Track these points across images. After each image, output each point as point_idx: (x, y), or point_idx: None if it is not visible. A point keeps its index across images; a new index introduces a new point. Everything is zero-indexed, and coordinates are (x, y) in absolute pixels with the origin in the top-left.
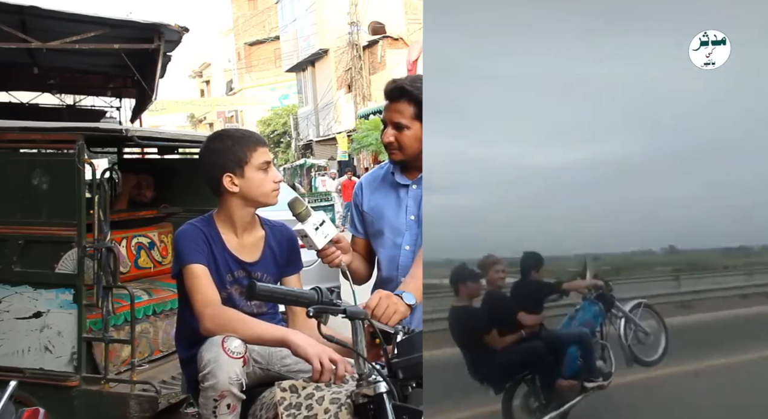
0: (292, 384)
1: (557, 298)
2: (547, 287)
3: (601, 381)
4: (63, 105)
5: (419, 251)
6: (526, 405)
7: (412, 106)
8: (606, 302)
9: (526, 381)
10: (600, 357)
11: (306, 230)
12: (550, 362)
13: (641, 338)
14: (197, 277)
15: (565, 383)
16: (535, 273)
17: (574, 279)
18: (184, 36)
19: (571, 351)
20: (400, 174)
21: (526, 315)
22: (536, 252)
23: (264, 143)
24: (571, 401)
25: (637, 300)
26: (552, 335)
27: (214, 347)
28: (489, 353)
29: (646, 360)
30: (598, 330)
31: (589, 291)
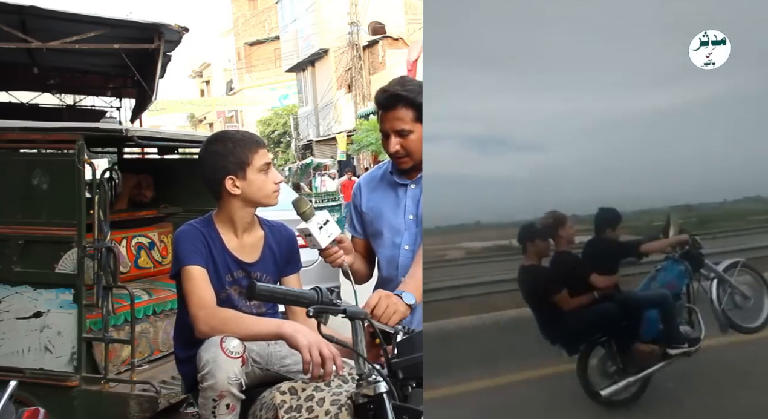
0: (291, 387)
1: (635, 259)
2: (623, 246)
3: (687, 347)
4: (63, 105)
5: (419, 251)
6: (603, 368)
7: (410, 110)
8: (693, 262)
9: (601, 343)
10: (686, 322)
11: (310, 229)
12: (626, 325)
13: (738, 301)
14: (194, 279)
15: (644, 348)
16: (610, 231)
17: (655, 237)
18: (184, 36)
19: (650, 315)
20: (398, 174)
21: (598, 277)
22: (612, 208)
23: (264, 144)
24: (651, 367)
25: (733, 259)
26: (628, 297)
27: (212, 347)
28: (560, 314)
29: (744, 326)
30: (684, 292)
31: (673, 249)
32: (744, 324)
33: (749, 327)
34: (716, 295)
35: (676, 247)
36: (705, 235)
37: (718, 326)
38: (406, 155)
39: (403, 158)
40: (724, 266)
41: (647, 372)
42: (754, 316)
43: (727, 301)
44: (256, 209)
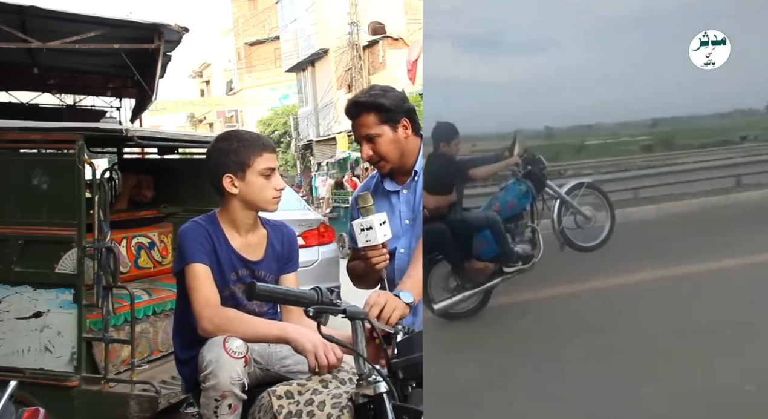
0: (287, 390)
1: (474, 177)
2: (457, 166)
3: (521, 265)
4: (63, 105)
5: (416, 252)
6: (445, 283)
7: (372, 113)
8: (536, 182)
9: (439, 261)
10: (525, 241)
11: (372, 223)
12: (460, 245)
13: (579, 221)
14: (198, 277)
15: (479, 265)
16: (445, 146)
17: (495, 155)
18: (184, 36)
19: (483, 235)
20: (389, 182)
21: (428, 196)
22: (448, 122)
23: (272, 148)
24: (488, 282)
25: (577, 180)
26: (459, 217)
27: (215, 347)
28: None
29: (582, 246)
30: (526, 212)
31: (517, 169)
32: (582, 244)
33: (586, 246)
34: (557, 215)
35: (519, 167)
36: (551, 157)
37: (558, 245)
38: (380, 159)
39: (379, 162)
40: (568, 187)
41: (484, 287)
42: (593, 236)
43: (567, 221)
44: (257, 212)
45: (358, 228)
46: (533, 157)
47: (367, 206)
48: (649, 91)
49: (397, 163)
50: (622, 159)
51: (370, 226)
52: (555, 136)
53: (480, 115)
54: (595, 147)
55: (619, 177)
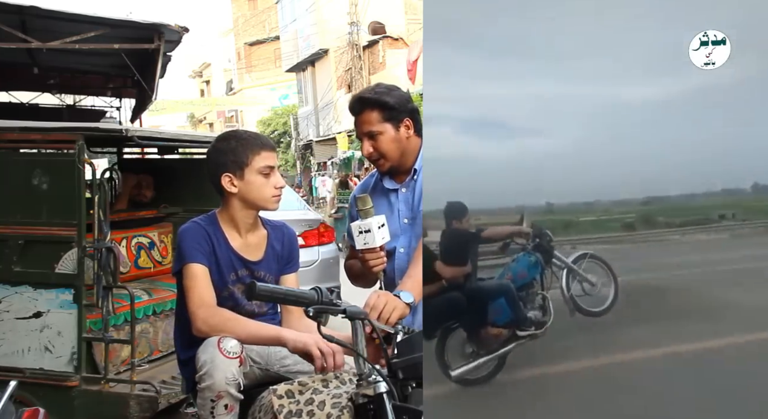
0: (287, 390)
1: (488, 249)
2: (471, 237)
3: (533, 330)
4: (63, 105)
5: (416, 252)
6: (461, 349)
7: (375, 111)
8: (544, 253)
9: (455, 329)
10: (538, 307)
11: (371, 226)
12: (475, 312)
13: (586, 288)
14: (195, 277)
15: (494, 331)
16: (457, 223)
17: (504, 228)
18: (184, 36)
19: (498, 302)
20: (388, 180)
21: (445, 267)
22: (459, 201)
23: (271, 147)
24: (503, 348)
25: (582, 251)
26: (474, 287)
27: (210, 348)
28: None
29: (590, 310)
30: (537, 280)
31: (526, 242)
32: (590, 308)
33: (595, 311)
34: (565, 283)
35: (528, 240)
36: (560, 231)
37: (567, 310)
38: (380, 157)
39: (379, 160)
40: (573, 258)
41: (500, 353)
42: (600, 302)
43: (575, 288)
44: (258, 211)
45: (357, 230)
46: (540, 230)
47: (366, 208)
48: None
49: (397, 162)
50: (618, 234)
51: (369, 229)
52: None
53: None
54: (592, 222)
55: (613, 249)
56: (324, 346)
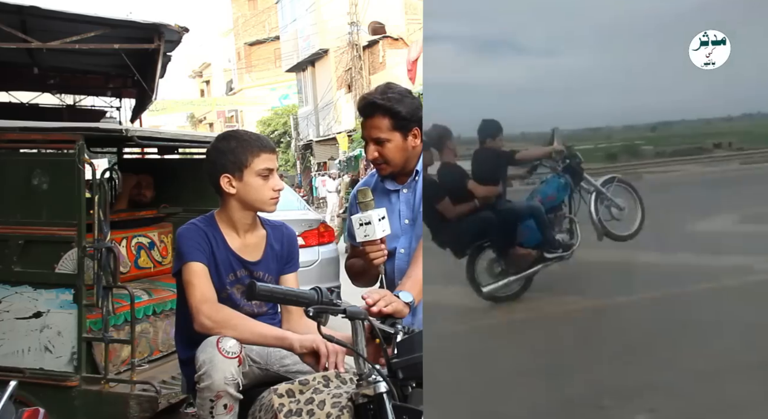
0: (288, 389)
1: (517, 169)
2: (503, 156)
3: (561, 252)
4: (63, 105)
5: (417, 253)
6: (489, 268)
7: (386, 118)
8: (574, 176)
9: (485, 248)
10: (563, 230)
11: (371, 218)
12: (505, 232)
13: (614, 213)
14: (195, 274)
15: (523, 252)
16: (491, 142)
17: (535, 148)
18: (184, 36)
19: (527, 223)
20: (390, 181)
21: (478, 186)
22: (493, 119)
23: (270, 149)
24: (531, 268)
25: (610, 175)
26: (505, 207)
27: (208, 348)
28: (447, 221)
29: (618, 235)
30: (565, 203)
31: (556, 163)
32: (618, 233)
33: (622, 235)
34: (594, 207)
35: (558, 161)
36: (587, 153)
37: (595, 234)
38: (384, 162)
39: (381, 164)
40: (602, 181)
41: (527, 273)
42: (627, 226)
43: (603, 212)
44: (256, 213)
45: (357, 223)
46: (571, 152)
47: (367, 200)
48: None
49: (400, 168)
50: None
51: (369, 221)
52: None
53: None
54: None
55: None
56: (329, 345)
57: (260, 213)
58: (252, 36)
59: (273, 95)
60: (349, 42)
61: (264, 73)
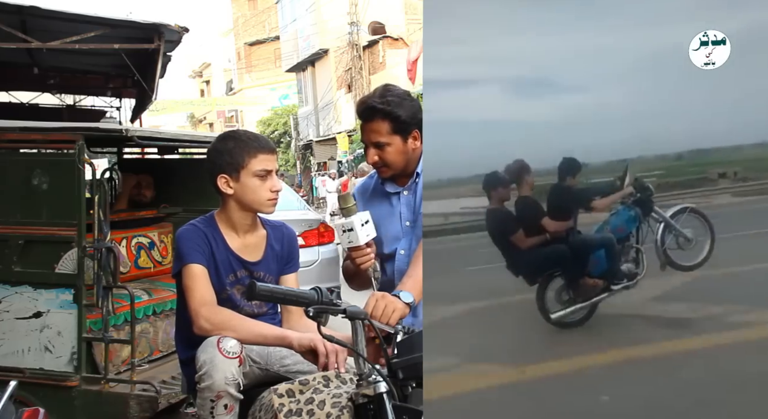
0: (288, 389)
1: (590, 206)
2: (579, 194)
3: (626, 282)
4: (63, 105)
5: (417, 253)
6: (558, 296)
7: (386, 122)
8: (643, 208)
9: (556, 276)
10: (632, 260)
11: (354, 224)
12: (575, 263)
13: (681, 243)
14: (195, 277)
15: (590, 281)
16: (571, 179)
17: (610, 188)
18: (184, 36)
19: (597, 254)
20: (390, 183)
21: (551, 221)
22: (573, 158)
23: (269, 150)
24: (596, 297)
25: (682, 205)
26: (577, 239)
27: (209, 348)
28: (522, 252)
29: (682, 265)
30: (633, 234)
31: (626, 198)
32: (682, 263)
33: (685, 266)
34: (660, 237)
35: (628, 196)
36: (658, 183)
37: (659, 264)
38: (384, 166)
39: (382, 168)
40: (673, 212)
41: (593, 301)
42: (693, 256)
43: (670, 243)
44: (255, 213)
45: (340, 230)
46: (642, 184)
47: (348, 206)
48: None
49: (400, 170)
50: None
51: (351, 227)
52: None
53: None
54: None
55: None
56: (329, 344)
57: (259, 213)
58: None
59: (273, 95)
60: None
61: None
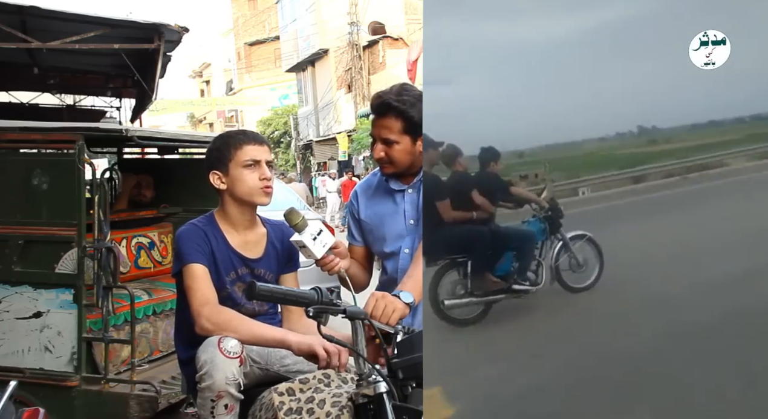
0: (289, 388)
1: (510, 199)
2: (502, 184)
3: (528, 285)
4: (63, 105)
5: (417, 253)
6: (452, 288)
7: (399, 121)
8: (553, 224)
9: (456, 266)
10: (531, 269)
11: (304, 241)
12: (488, 253)
13: (573, 266)
14: (196, 276)
15: (493, 279)
16: (494, 166)
17: (530, 189)
18: (184, 36)
19: (509, 252)
20: (394, 181)
21: (480, 197)
22: (493, 147)
23: (255, 140)
24: (494, 296)
25: (582, 232)
26: (497, 229)
27: (210, 347)
28: (438, 224)
29: (569, 285)
30: (537, 246)
31: (540, 209)
32: (569, 283)
33: (572, 287)
34: (555, 255)
35: (541, 208)
36: (569, 203)
37: (549, 279)
38: (389, 163)
39: (386, 164)
40: (572, 235)
41: (488, 299)
42: (581, 280)
43: (562, 262)
44: (254, 209)
45: (297, 246)
46: (556, 204)
47: (296, 223)
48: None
49: (404, 169)
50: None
51: (304, 244)
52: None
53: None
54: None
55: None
56: (330, 346)
57: (260, 212)
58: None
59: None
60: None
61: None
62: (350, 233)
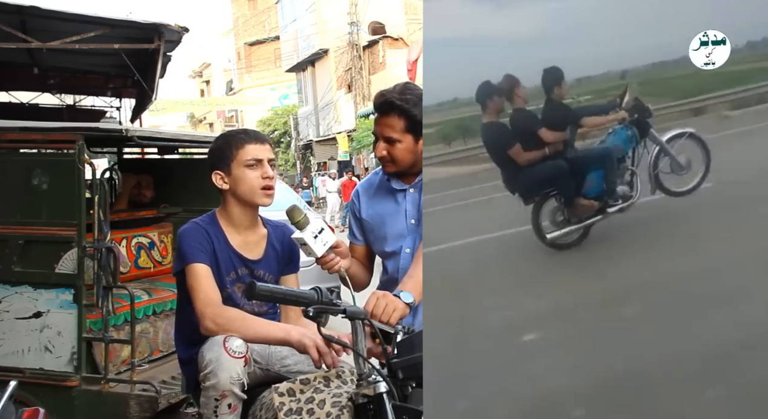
0: (289, 388)
1: (585, 125)
2: (573, 110)
3: (621, 203)
4: (63, 105)
5: (417, 253)
6: (552, 217)
7: (402, 119)
8: (641, 128)
9: (552, 196)
10: (625, 182)
11: (305, 239)
12: (572, 181)
13: (674, 168)
14: (199, 276)
15: (585, 202)
16: (558, 89)
17: (609, 104)
18: (184, 36)
19: (594, 173)
20: (396, 180)
21: (548, 132)
22: (557, 67)
23: (257, 140)
24: (590, 219)
25: (681, 130)
26: (576, 155)
27: (215, 346)
28: (518, 168)
29: (672, 190)
30: (629, 156)
31: (626, 115)
32: (672, 188)
33: (676, 191)
34: (653, 161)
35: (627, 115)
36: (661, 105)
37: (649, 188)
38: (390, 161)
39: (388, 163)
40: (670, 136)
41: (586, 223)
42: (685, 182)
43: (663, 167)
44: (256, 209)
45: (298, 244)
46: (641, 105)
47: (298, 220)
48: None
49: (406, 168)
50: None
51: (305, 242)
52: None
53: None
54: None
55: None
56: (322, 347)
57: (261, 213)
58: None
59: (273, 95)
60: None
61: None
62: (351, 231)
